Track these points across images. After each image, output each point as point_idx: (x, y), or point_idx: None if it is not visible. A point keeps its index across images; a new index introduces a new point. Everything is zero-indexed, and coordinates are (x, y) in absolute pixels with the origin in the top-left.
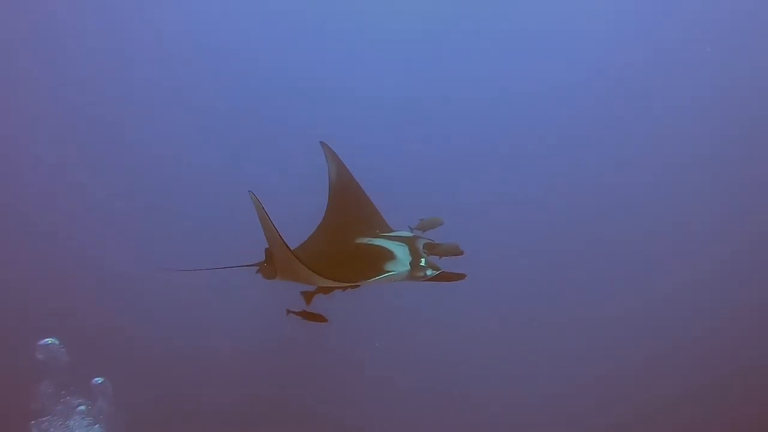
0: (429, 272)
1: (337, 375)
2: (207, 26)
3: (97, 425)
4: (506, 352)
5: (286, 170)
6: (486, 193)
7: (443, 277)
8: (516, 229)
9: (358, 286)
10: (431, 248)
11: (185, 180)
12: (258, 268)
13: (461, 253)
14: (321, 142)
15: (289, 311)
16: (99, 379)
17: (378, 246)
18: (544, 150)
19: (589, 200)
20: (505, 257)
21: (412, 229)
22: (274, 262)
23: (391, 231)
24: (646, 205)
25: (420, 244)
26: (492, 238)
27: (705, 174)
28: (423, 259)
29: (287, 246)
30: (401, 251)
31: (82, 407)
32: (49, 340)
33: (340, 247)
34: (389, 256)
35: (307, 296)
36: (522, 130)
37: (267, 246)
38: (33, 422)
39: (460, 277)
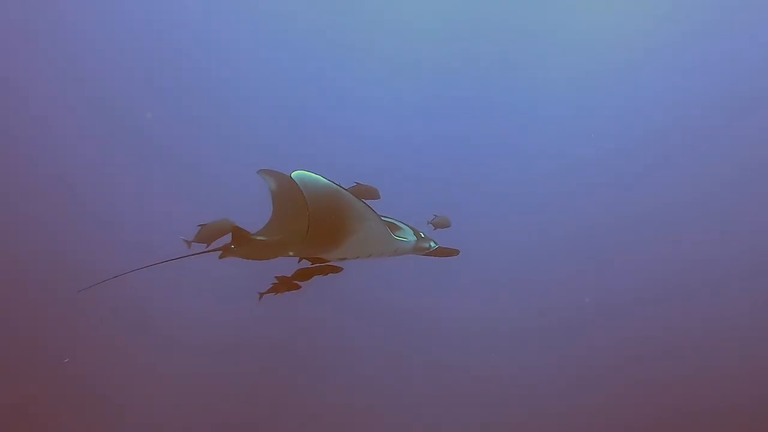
0: (432, 244)
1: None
2: None
3: None
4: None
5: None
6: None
7: (440, 252)
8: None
9: (341, 269)
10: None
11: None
12: (221, 252)
13: (449, 225)
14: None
15: (260, 294)
16: None
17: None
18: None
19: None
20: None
21: (427, 223)
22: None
23: None
24: None
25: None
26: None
27: None
28: (422, 233)
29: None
30: (404, 226)
31: None
32: None
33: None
34: (397, 228)
35: (281, 285)
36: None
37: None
38: None
39: (455, 252)
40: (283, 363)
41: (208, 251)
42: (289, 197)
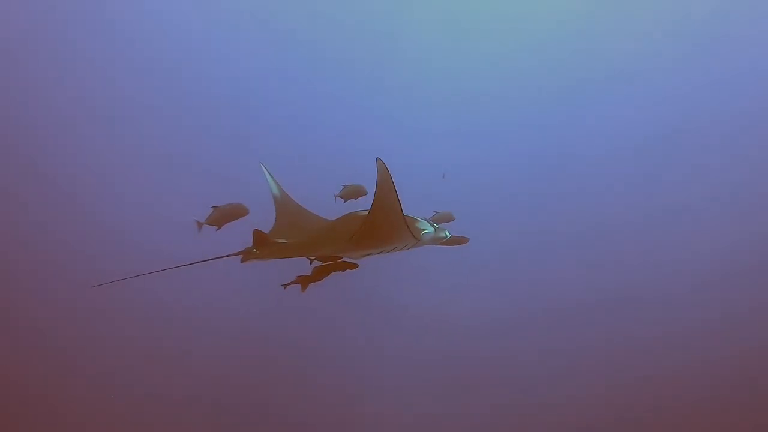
0: (447, 233)
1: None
2: None
3: None
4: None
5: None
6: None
7: (453, 240)
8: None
9: (356, 266)
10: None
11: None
12: (242, 256)
13: (453, 219)
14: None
15: (285, 285)
16: None
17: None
18: None
19: None
20: None
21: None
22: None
23: None
24: None
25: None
26: None
27: None
28: (435, 224)
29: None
30: (420, 218)
31: None
32: None
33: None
34: (415, 221)
35: (304, 280)
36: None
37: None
38: None
39: (464, 240)
40: (287, 361)
41: (230, 255)
42: (292, 214)
